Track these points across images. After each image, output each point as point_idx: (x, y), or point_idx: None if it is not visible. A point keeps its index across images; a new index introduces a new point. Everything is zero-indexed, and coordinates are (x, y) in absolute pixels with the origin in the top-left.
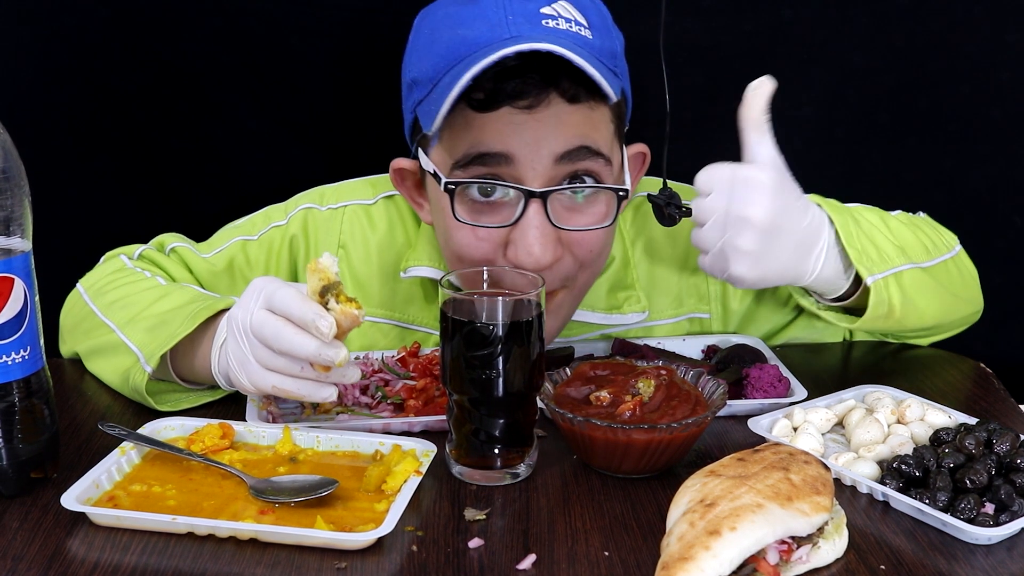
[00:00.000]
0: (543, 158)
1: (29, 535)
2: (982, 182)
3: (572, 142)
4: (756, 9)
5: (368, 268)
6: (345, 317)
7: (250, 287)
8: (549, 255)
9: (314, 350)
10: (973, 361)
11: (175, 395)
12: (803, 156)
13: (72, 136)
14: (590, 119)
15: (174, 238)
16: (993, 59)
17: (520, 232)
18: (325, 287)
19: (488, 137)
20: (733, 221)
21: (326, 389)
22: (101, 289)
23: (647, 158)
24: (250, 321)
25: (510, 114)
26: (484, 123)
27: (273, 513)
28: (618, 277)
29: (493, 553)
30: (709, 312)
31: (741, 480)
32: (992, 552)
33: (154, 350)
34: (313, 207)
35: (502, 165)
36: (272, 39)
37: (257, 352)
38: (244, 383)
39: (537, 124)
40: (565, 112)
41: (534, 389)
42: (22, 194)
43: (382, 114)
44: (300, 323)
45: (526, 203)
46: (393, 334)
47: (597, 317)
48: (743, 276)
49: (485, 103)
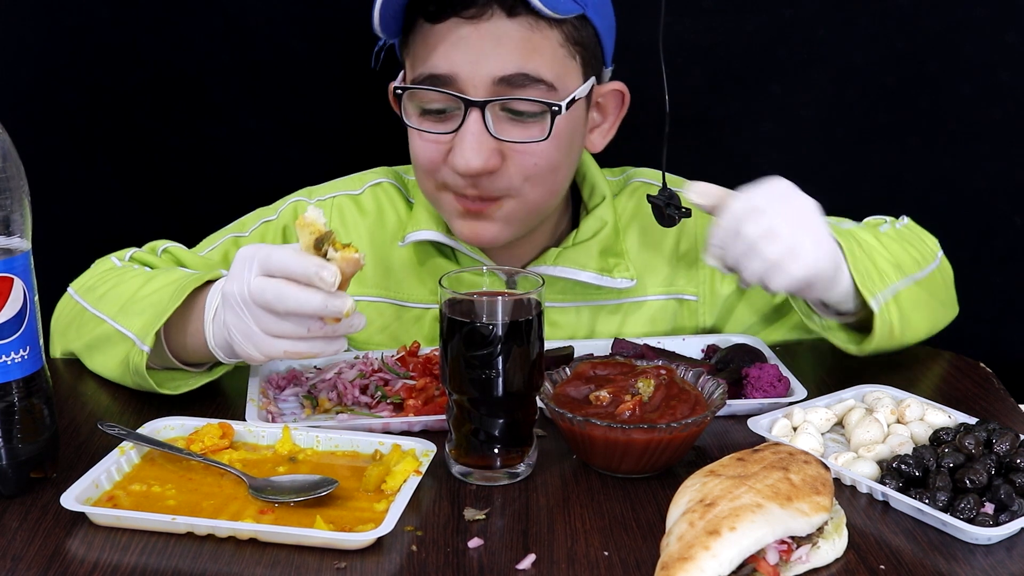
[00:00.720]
0: (483, 78)
1: (29, 535)
2: (982, 182)
3: (511, 66)
4: (756, 9)
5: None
6: (347, 263)
7: (238, 259)
8: (481, 161)
9: (320, 303)
10: (973, 361)
11: (176, 381)
12: (803, 156)
13: (72, 136)
14: (531, 40)
15: (166, 242)
16: (993, 59)
17: (459, 139)
18: (319, 239)
19: (436, 57)
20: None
21: (336, 343)
22: (91, 287)
23: (626, 97)
24: (247, 290)
25: (456, 26)
26: (436, 39)
27: (272, 513)
28: (609, 242)
29: (493, 553)
30: (697, 295)
31: (741, 480)
32: (992, 552)
33: (147, 328)
34: (302, 200)
35: (448, 84)
36: (272, 39)
37: (261, 320)
38: (252, 353)
39: (479, 39)
40: (505, 27)
41: (534, 389)
42: (22, 194)
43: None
44: (303, 278)
45: (466, 112)
46: (389, 312)
47: (589, 276)
48: (782, 271)
49: (435, 14)
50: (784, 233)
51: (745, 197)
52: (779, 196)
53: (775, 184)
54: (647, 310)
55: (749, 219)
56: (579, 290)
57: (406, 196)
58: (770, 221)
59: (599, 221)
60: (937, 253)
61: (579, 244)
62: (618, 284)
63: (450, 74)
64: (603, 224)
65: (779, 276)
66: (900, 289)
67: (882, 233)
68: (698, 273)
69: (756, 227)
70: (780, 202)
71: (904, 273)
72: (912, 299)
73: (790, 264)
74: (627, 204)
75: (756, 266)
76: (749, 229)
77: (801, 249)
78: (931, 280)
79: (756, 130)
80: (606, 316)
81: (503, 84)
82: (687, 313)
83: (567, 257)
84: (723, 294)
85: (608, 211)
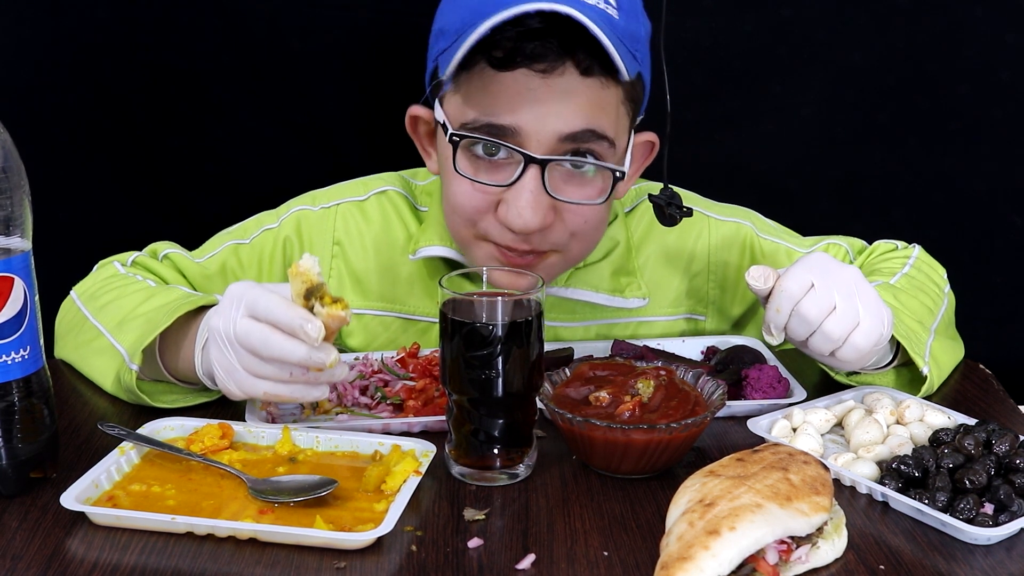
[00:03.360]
0: (549, 135)
1: (28, 535)
2: (982, 182)
3: (578, 123)
4: (756, 9)
5: (366, 262)
6: (332, 319)
7: (228, 295)
8: (538, 220)
9: (304, 355)
10: (973, 362)
11: (170, 395)
12: (803, 156)
13: (72, 136)
14: (599, 98)
15: (167, 245)
16: (993, 59)
17: (514, 194)
18: (309, 290)
19: (500, 107)
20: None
21: (317, 389)
22: (94, 294)
23: (655, 147)
24: (233, 331)
25: (525, 78)
26: (499, 88)
27: (272, 513)
28: (621, 262)
29: (492, 553)
30: (705, 315)
31: (740, 480)
32: (991, 552)
33: (135, 347)
34: (305, 208)
35: (509, 137)
36: (272, 39)
37: (244, 360)
38: (233, 390)
39: (548, 94)
40: (577, 85)
41: (533, 389)
42: (22, 194)
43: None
44: (287, 330)
45: (525, 167)
46: (395, 326)
47: (601, 298)
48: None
49: (503, 61)
50: (842, 307)
51: (794, 277)
52: (824, 270)
53: (816, 259)
54: (656, 329)
55: (806, 299)
56: (589, 310)
57: (413, 204)
58: (826, 297)
59: (611, 241)
60: (944, 289)
61: (591, 265)
62: (630, 304)
63: (513, 127)
64: (615, 244)
65: (847, 351)
66: (931, 343)
67: (896, 288)
68: (706, 297)
69: (815, 307)
70: (828, 276)
71: (926, 328)
72: (940, 349)
73: (856, 338)
74: (641, 220)
75: (824, 346)
76: (809, 310)
77: (862, 321)
78: (944, 322)
79: (756, 130)
80: (616, 335)
81: (567, 140)
82: (695, 331)
83: (579, 278)
84: (731, 316)
85: (620, 230)
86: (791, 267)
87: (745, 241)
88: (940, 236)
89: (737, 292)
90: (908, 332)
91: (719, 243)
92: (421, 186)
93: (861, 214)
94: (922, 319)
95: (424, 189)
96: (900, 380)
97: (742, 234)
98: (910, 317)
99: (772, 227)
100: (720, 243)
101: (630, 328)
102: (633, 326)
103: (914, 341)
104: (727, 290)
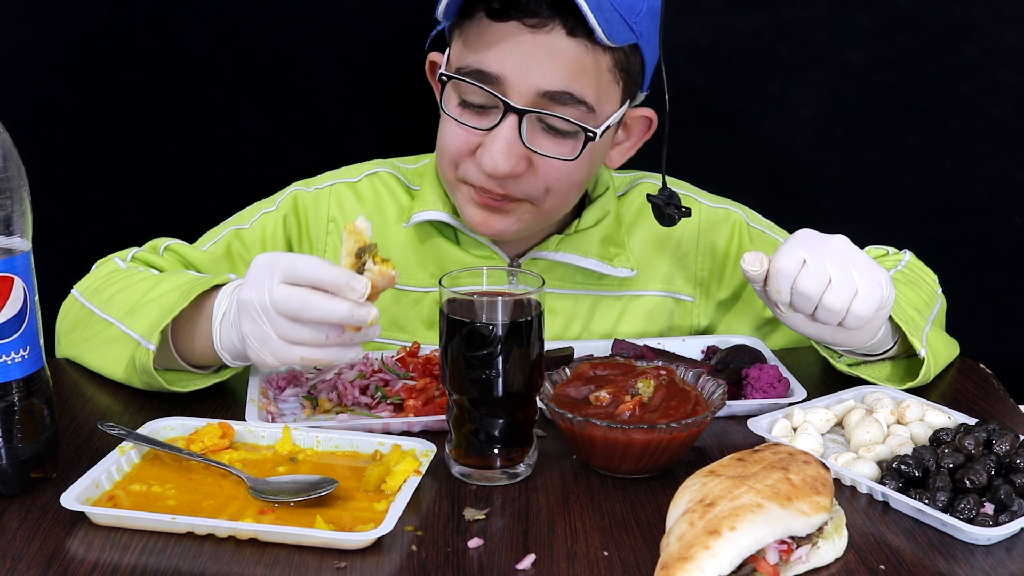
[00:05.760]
0: (530, 87)
1: (29, 535)
2: (982, 182)
3: (557, 83)
4: (756, 9)
5: None
6: (382, 277)
7: (256, 266)
8: (509, 166)
9: (347, 311)
10: (973, 361)
11: (184, 380)
12: (803, 156)
13: (72, 136)
14: (583, 61)
15: (167, 239)
16: (993, 59)
17: (491, 138)
18: (361, 248)
19: (489, 54)
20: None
21: (352, 350)
22: (97, 289)
23: (653, 124)
24: (269, 298)
25: (516, 30)
26: (492, 37)
27: (272, 513)
28: (611, 231)
29: (493, 553)
30: (694, 296)
31: (741, 480)
32: (991, 552)
33: (152, 328)
34: (300, 189)
35: (493, 84)
36: (272, 39)
37: (280, 327)
38: (267, 359)
39: (534, 48)
40: (563, 44)
41: (534, 389)
42: (22, 193)
43: (382, 114)
44: (333, 287)
45: (504, 115)
46: (388, 297)
47: (591, 263)
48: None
49: (499, 12)
50: (838, 278)
51: (786, 254)
52: (814, 244)
53: (802, 235)
54: (645, 305)
55: (802, 275)
56: (580, 278)
57: (406, 184)
58: (820, 270)
59: (601, 210)
60: (937, 291)
61: (581, 232)
62: (618, 273)
63: (498, 75)
64: (605, 213)
65: (852, 320)
66: (927, 332)
67: (893, 279)
68: (695, 276)
69: (812, 281)
70: (818, 249)
71: (924, 317)
72: (936, 339)
73: (856, 307)
74: (633, 203)
75: (831, 318)
76: (807, 285)
77: (860, 288)
78: (939, 319)
79: (756, 130)
80: (605, 307)
81: (546, 97)
82: (683, 312)
83: (569, 243)
84: (717, 298)
85: (611, 201)
86: (781, 247)
87: (735, 226)
88: (940, 236)
89: (724, 274)
90: (905, 316)
91: (708, 224)
92: (412, 169)
93: (861, 214)
94: (918, 308)
95: (415, 171)
96: (898, 370)
97: (732, 219)
98: (908, 304)
99: (763, 220)
100: (709, 224)
101: (620, 302)
102: (624, 300)
103: (911, 325)
104: (714, 271)
